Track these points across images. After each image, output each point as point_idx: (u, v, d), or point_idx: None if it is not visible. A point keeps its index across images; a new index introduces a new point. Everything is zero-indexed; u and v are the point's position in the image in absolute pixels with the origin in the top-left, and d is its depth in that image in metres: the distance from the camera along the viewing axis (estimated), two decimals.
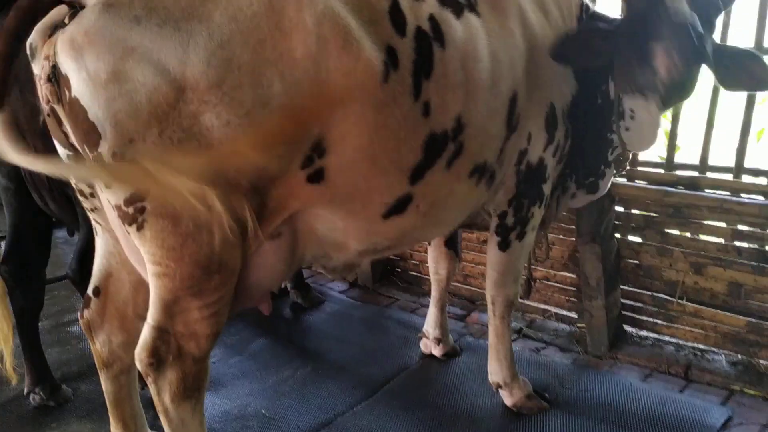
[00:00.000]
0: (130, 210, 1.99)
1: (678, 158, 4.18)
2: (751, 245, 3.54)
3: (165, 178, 1.78)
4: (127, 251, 2.28)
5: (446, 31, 2.42)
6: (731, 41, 3.91)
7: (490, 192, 2.89)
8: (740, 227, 3.56)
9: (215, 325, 2.24)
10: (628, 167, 3.75)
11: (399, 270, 5.31)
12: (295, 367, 3.89)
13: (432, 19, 2.40)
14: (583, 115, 3.05)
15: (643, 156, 4.34)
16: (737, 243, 3.58)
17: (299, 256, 2.50)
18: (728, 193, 3.61)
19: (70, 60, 1.85)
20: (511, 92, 2.67)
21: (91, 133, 1.90)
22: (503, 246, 3.10)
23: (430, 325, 3.98)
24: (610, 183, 3.45)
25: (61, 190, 2.92)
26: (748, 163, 3.85)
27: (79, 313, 2.55)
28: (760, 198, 3.47)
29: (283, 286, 4.88)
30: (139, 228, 2.01)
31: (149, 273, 2.13)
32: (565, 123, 2.97)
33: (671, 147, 4.20)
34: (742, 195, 3.56)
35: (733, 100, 4.01)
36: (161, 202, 1.96)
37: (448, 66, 2.41)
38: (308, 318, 4.62)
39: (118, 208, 2.01)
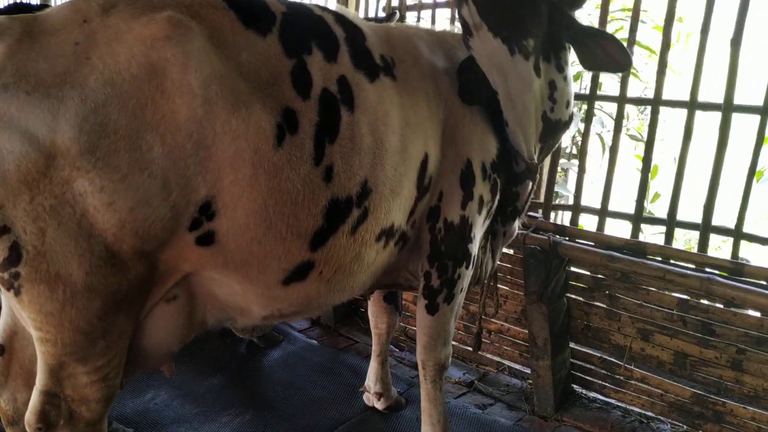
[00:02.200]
0: (6, 275, 1.96)
1: (657, 207, 4.11)
2: (696, 317, 3.46)
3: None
4: (17, 315, 2.26)
5: (356, 94, 2.41)
6: (703, 96, 3.87)
7: (403, 253, 2.85)
8: (685, 297, 3.48)
9: (106, 388, 2.21)
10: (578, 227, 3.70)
11: (362, 310, 5.26)
12: (235, 413, 3.84)
13: (342, 80, 2.38)
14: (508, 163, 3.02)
15: (614, 204, 4.29)
16: (682, 313, 3.50)
17: (199, 319, 2.46)
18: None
19: None
20: (422, 154, 2.67)
21: None
22: (431, 310, 3.01)
23: (371, 379, 3.92)
24: (529, 196, 3.27)
25: None
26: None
27: None
28: (702, 271, 3.39)
29: None
30: (16, 293, 1.98)
31: (33, 338, 2.11)
32: (490, 178, 2.92)
33: (641, 195, 4.13)
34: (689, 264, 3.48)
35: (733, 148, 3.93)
36: (35, 267, 1.93)
37: (355, 130, 2.38)
38: (262, 359, 4.57)
39: None
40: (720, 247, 6.10)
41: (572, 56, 2.97)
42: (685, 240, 6.40)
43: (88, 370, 2.13)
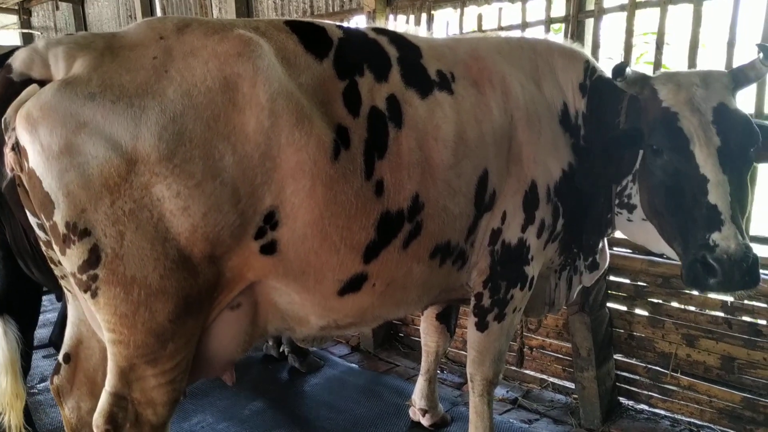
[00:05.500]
0: (84, 277, 2.06)
1: None
2: (742, 318, 3.45)
3: None
4: (89, 317, 2.35)
5: (405, 111, 2.48)
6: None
7: (462, 272, 2.84)
8: (729, 300, 3.47)
9: (173, 392, 2.28)
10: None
11: (401, 335, 5.29)
12: None
13: (391, 98, 2.46)
14: (578, 193, 2.91)
15: None
16: (727, 315, 3.49)
17: (261, 327, 2.52)
18: None
19: (26, 133, 1.96)
20: (480, 171, 2.64)
21: (46, 203, 2.00)
22: (480, 327, 2.99)
23: (417, 395, 3.92)
24: (608, 256, 3.32)
25: (43, 257, 3.02)
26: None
27: (49, 379, 2.61)
28: None
29: (281, 350, 4.90)
30: (93, 295, 2.08)
31: (105, 340, 2.19)
32: (553, 201, 2.84)
33: None
34: None
35: None
36: (113, 269, 2.03)
37: (402, 145, 2.44)
38: (304, 383, 4.60)
39: (73, 275, 2.09)
40: None
41: None
42: None
43: (156, 373, 2.21)
